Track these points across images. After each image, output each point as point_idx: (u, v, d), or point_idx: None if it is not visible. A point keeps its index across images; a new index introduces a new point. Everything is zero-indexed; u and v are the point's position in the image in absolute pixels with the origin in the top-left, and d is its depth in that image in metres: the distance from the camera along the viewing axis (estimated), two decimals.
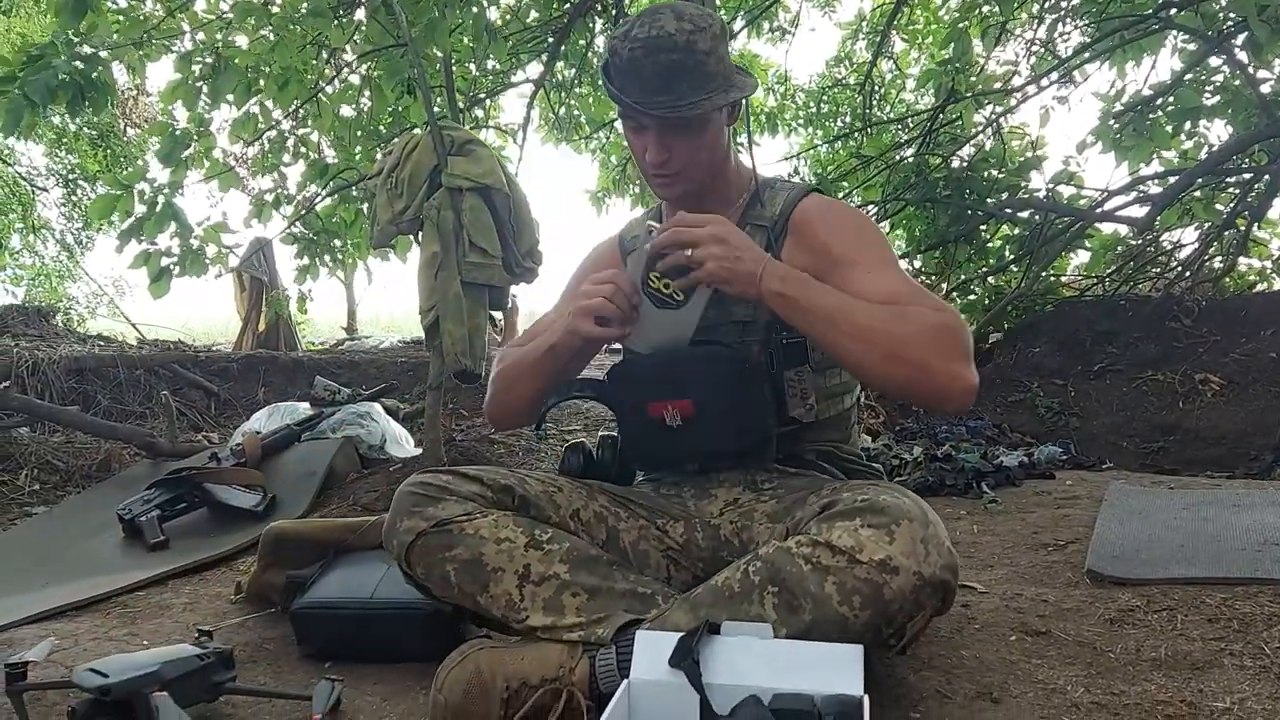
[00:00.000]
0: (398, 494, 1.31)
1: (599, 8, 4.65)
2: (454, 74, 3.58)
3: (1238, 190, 4.59)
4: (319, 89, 3.82)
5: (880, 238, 1.40)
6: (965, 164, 5.00)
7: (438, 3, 3.02)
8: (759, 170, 1.49)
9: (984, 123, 4.95)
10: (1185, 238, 5.12)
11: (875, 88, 6.43)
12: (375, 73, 3.97)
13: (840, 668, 0.98)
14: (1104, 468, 3.10)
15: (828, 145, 6.89)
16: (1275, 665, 1.26)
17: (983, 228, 5.00)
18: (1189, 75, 4.36)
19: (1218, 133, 4.68)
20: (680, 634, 1.06)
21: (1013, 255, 4.99)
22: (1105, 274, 5.07)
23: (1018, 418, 3.91)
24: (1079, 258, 5.37)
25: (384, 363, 5.28)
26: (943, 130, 5.12)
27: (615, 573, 1.26)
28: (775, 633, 1.07)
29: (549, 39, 4.71)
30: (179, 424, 3.78)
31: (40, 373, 4.03)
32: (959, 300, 5.08)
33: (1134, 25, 4.20)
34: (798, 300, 1.21)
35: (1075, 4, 4.72)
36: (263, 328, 7.18)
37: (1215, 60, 4.29)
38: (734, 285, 1.22)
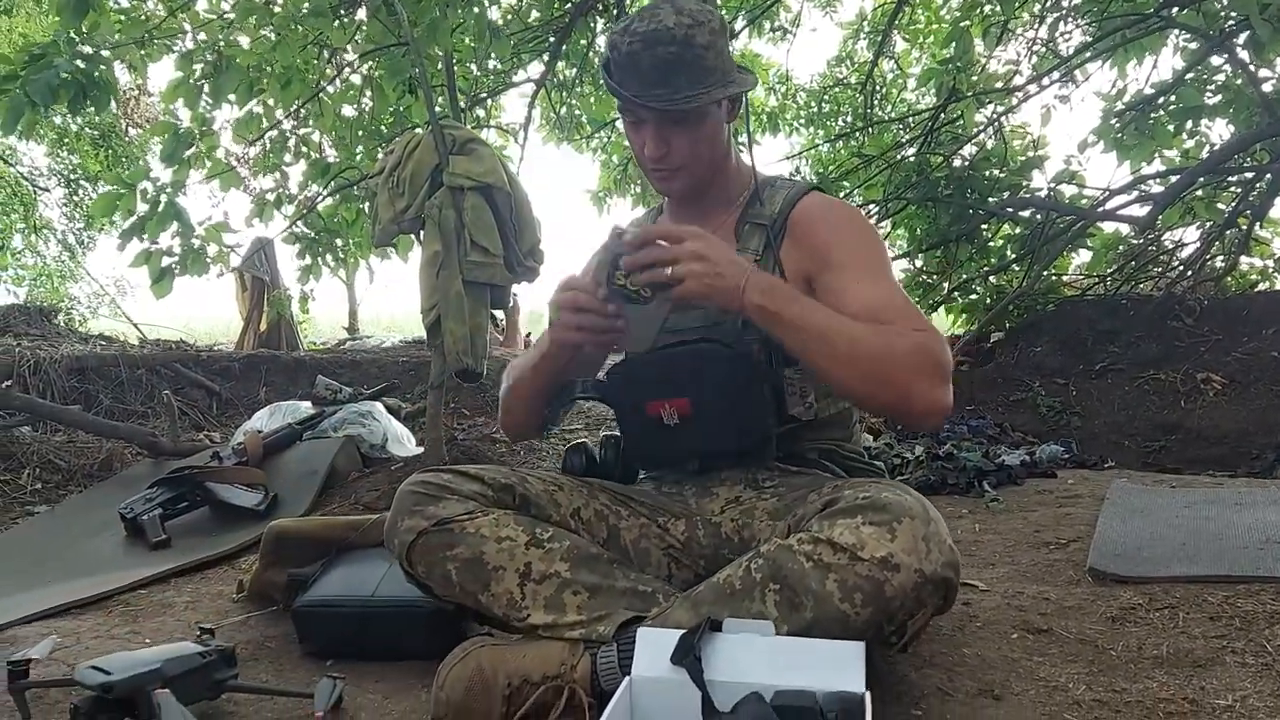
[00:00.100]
0: (399, 493, 1.31)
1: (600, 7, 4.65)
2: (455, 73, 3.58)
3: (1239, 189, 4.58)
4: (321, 88, 3.82)
5: (877, 242, 1.39)
6: (967, 163, 5.00)
7: (439, 2, 3.01)
8: (760, 169, 1.49)
9: (985, 122, 4.95)
10: (1187, 237, 5.13)
11: (876, 87, 6.43)
12: (377, 72, 3.97)
13: (842, 665, 0.98)
14: (1106, 467, 3.09)
15: (829, 145, 6.88)
16: (1277, 663, 1.26)
17: (984, 227, 5.00)
18: (1190, 74, 4.35)
19: (1219, 131, 4.69)
20: (682, 631, 1.06)
21: (1014, 254, 4.99)
22: (1107, 273, 5.07)
23: (1019, 417, 3.90)
24: (1080, 257, 5.37)
25: (385, 362, 5.28)
26: (944, 129, 5.12)
27: (616, 571, 1.26)
28: (777, 630, 1.06)
29: (550, 38, 4.71)
30: (180, 423, 3.78)
31: (42, 372, 4.03)
32: (960, 299, 5.08)
33: (1135, 24, 4.19)
34: (780, 314, 1.20)
35: (1076, 3, 4.71)
36: (264, 327, 7.18)
37: (1217, 59, 4.29)
38: (716, 300, 1.21)
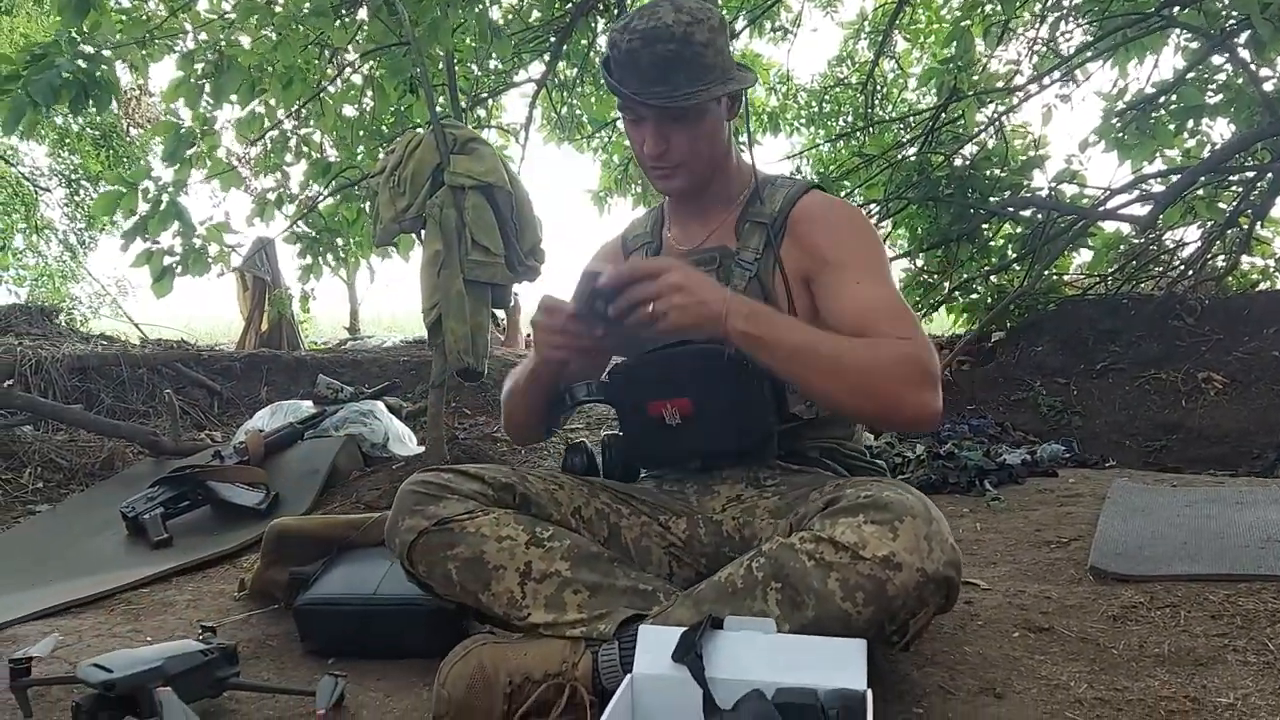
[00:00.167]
0: (399, 493, 1.31)
1: (601, 7, 4.65)
2: (456, 73, 3.58)
3: (1240, 188, 4.58)
4: (322, 88, 3.82)
5: (875, 242, 1.39)
6: (967, 162, 5.00)
7: (440, 2, 3.02)
8: (760, 168, 1.49)
9: (986, 121, 4.94)
10: (1188, 236, 5.13)
11: (877, 87, 6.43)
12: (378, 72, 3.97)
13: (844, 662, 0.98)
14: (1107, 466, 3.10)
15: (829, 144, 6.88)
16: (1279, 661, 1.26)
17: (985, 226, 4.99)
18: (1191, 73, 4.35)
19: (1220, 131, 4.68)
20: (683, 629, 1.06)
21: (1015, 254, 4.99)
22: (1108, 273, 5.07)
23: (1020, 416, 3.90)
24: (1081, 256, 5.38)
25: (387, 361, 5.29)
26: (945, 129, 5.12)
27: (616, 570, 1.26)
28: (778, 629, 1.07)
29: (551, 38, 4.71)
30: (182, 422, 3.79)
31: (44, 371, 4.03)
32: (961, 299, 5.08)
33: (1136, 23, 4.19)
34: (764, 339, 1.20)
35: (1077, 3, 4.71)
36: (265, 327, 7.18)
37: (1218, 58, 4.29)
38: (700, 330, 1.21)
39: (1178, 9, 4.11)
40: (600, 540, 1.35)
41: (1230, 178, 4.57)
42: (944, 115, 5.00)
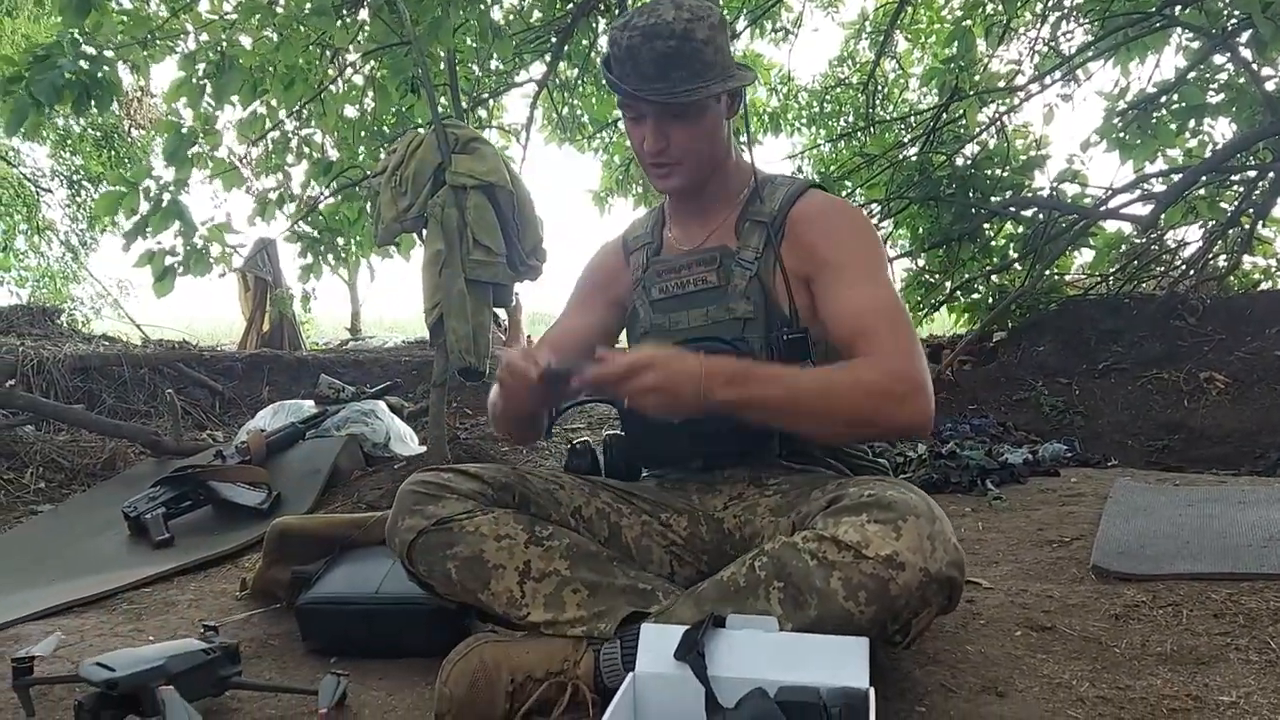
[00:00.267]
0: (399, 492, 1.31)
1: (602, 7, 4.65)
2: (457, 73, 3.58)
3: (1242, 188, 4.58)
4: (323, 88, 3.82)
5: (873, 243, 1.38)
6: (969, 162, 5.00)
7: (441, 1, 3.02)
8: (760, 167, 1.49)
9: (988, 121, 4.95)
10: (1189, 236, 5.12)
11: (878, 87, 6.42)
12: (379, 72, 3.97)
13: (846, 661, 0.98)
14: (1109, 465, 3.09)
15: (830, 144, 6.88)
16: None
17: (986, 226, 4.99)
18: (1193, 73, 4.35)
19: (1222, 130, 4.68)
20: (685, 627, 1.06)
21: (1017, 253, 4.99)
22: (1109, 272, 5.07)
23: (1022, 416, 3.90)
24: (1083, 256, 5.37)
25: (388, 361, 5.29)
26: (946, 129, 5.12)
27: (615, 569, 1.27)
28: (781, 627, 1.07)
29: (552, 39, 4.71)
30: (183, 422, 3.79)
31: (45, 371, 4.04)
32: (963, 299, 5.08)
33: (1138, 23, 4.19)
34: (746, 401, 1.19)
35: (1079, 2, 4.71)
36: (267, 328, 7.19)
37: (1219, 58, 4.29)
38: (682, 413, 1.21)
39: (1179, 8, 4.11)
40: (601, 540, 1.35)
41: (1232, 177, 4.57)
42: (945, 115, 5.00)
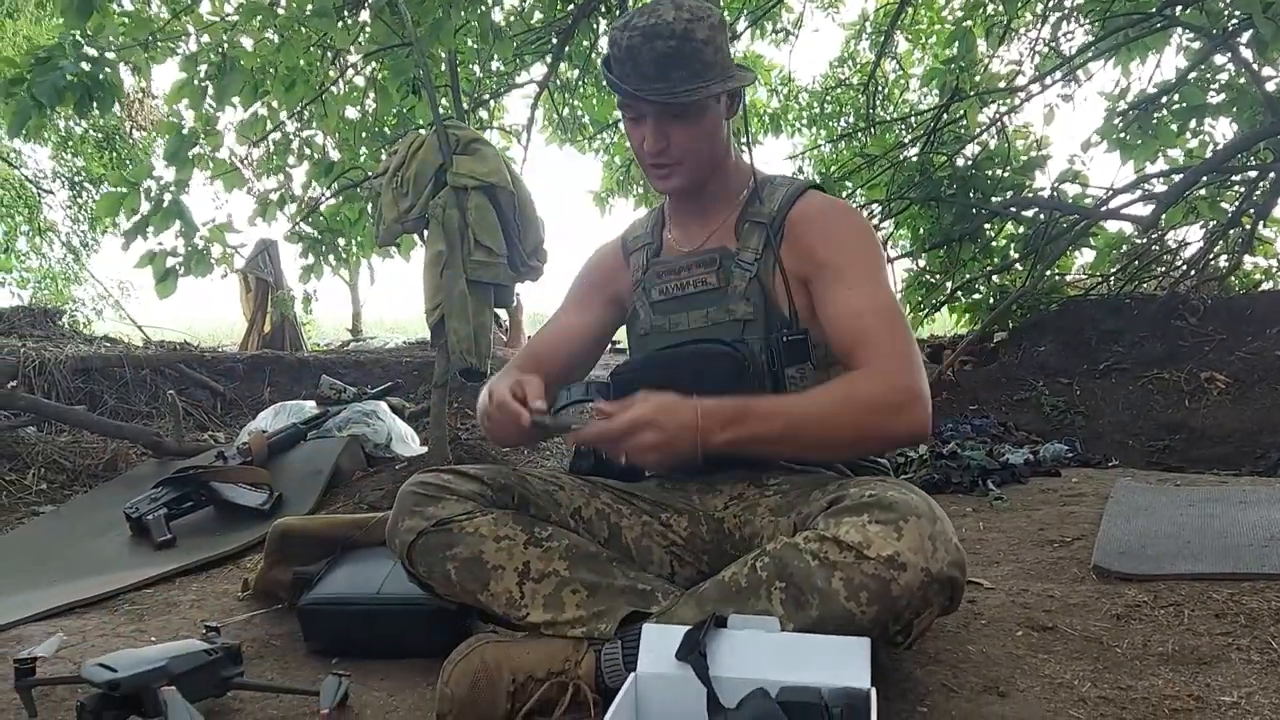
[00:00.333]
0: (399, 494, 1.32)
1: (603, 8, 4.65)
2: (458, 74, 3.58)
3: (1243, 188, 4.58)
4: (325, 89, 3.82)
5: (871, 245, 1.37)
6: (970, 163, 5.00)
7: (442, 2, 3.02)
8: (760, 168, 1.49)
9: (988, 121, 4.95)
10: (1190, 236, 5.13)
11: (879, 87, 6.43)
12: (380, 73, 3.97)
13: (847, 661, 0.98)
14: (1110, 465, 3.09)
15: (831, 145, 6.89)
16: None
17: (987, 226, 4.99)
18: (1194, 73, 4.35)
19: (1223, 130, 4.69)
20: (687, 628, 1.06)
21: (1017, 254, 4.99)
22: (1110, 273, 5.07)
23: (1023, 416, 3.90)
24: (1084, 256, 5.38)
25: (389, 362, 5.29)
26: (947, 129, 5.12)
27: (615, 569, 1.27)
28: (782, 628, 1.07)
29: (553, 40, 4.72)
30: (185, 423, 3.79)
31: (47, 372, 4.04)
32: (964, 299, 5.08)
33: (1138, 23, 4.19)
34: (746, 441, 1.19)
35: (1079, 2, 4.71)
36: (268, 329, 7.19)
37: (1220, 58, 4.29)
38: (681, 464, 1.20)
39: (1180, 9, 4.11)
40: (601, 540, 1.35)
41: (1233, 177, 4.57)
42: (946, 115, 5.01)
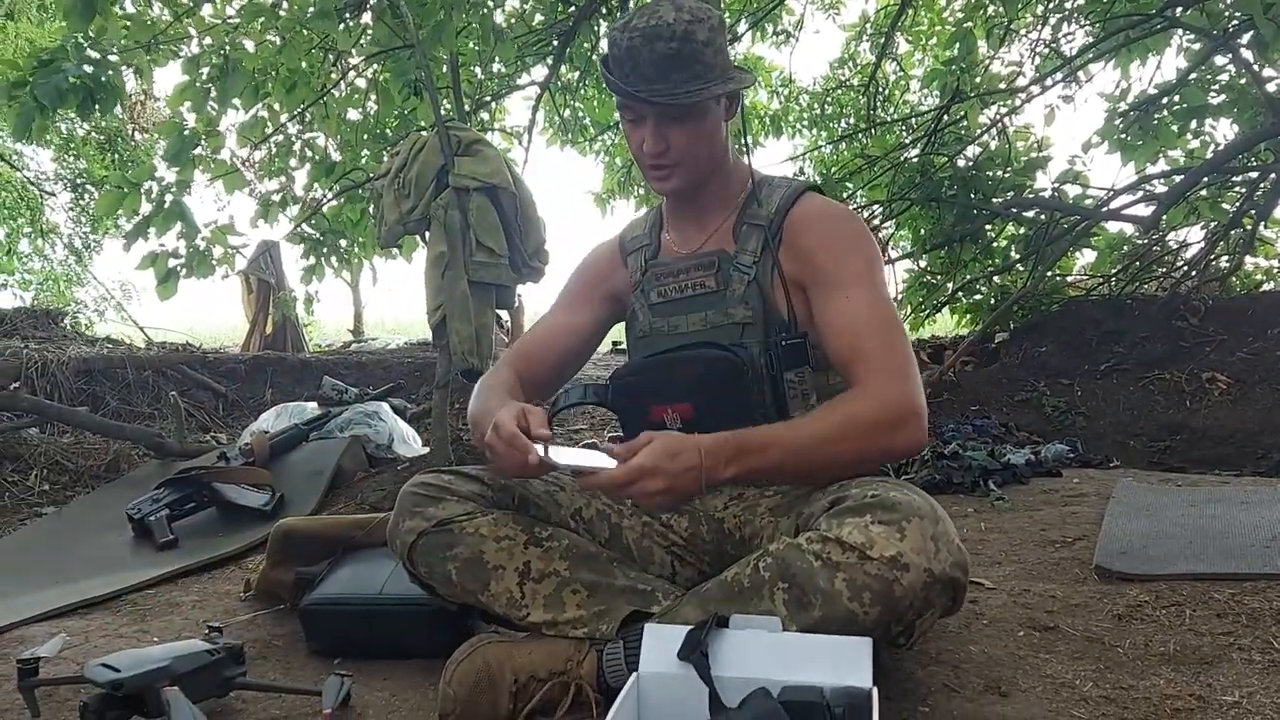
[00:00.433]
0: (400, 494, 1.32)
1: (604, 10, 4.66)
2: (460, 76, 3.59)
3: (1244, 189, 4.58)
4: (326, 91, 3.83)
5: (868, 249, 1.36)
6: (970, 163, 5.00)
7: (444, 4, 3.02)
8: (759, 169, 1.49)
9: (989, 123, 4.95)
10: (1191, 237, 5.11)
11: (879, 89, 6.43)
12: (382, 75, 3.98)
13: (849, 660, 0.99)
14: (1111, 466, 3.09)
15: (832, 146, 6.89)
16: None
17: (988, 227, 4.99)
18: (1194, 74, 4.35)
19: (1224, 131, 4.68)
20: (689, 627, 1.06)
21: (1018, 254, 4.99)
22: (1111, 273, 5.06)
23: (1024, 416, 3.89)
24: (1085, 257, 5.37)
25: (391, 363, 5.29)
26: (948, 130, 5.12)
27: (615, 569, 1.27)
28: (785, 628, 1.07)
29: (554, 41, 4.72)
30: (187, 424, 3.79)
31: (49, 374, 4.04)
32: (965, 300, 5.08)
33: (1139, 24, 4.19)
34: (750, 473, 1.19)
35: (1080, 4, 4.71)
36: (270, 330, 7.19)
37: (1221, 59, 4.29)
38: (687, 504, 1.19)
39: (1180, 10, 4.10)
40: (601, 541, 1.35)
41: (1233, 178, 4.57)
42: (947, 116, 5.01)
